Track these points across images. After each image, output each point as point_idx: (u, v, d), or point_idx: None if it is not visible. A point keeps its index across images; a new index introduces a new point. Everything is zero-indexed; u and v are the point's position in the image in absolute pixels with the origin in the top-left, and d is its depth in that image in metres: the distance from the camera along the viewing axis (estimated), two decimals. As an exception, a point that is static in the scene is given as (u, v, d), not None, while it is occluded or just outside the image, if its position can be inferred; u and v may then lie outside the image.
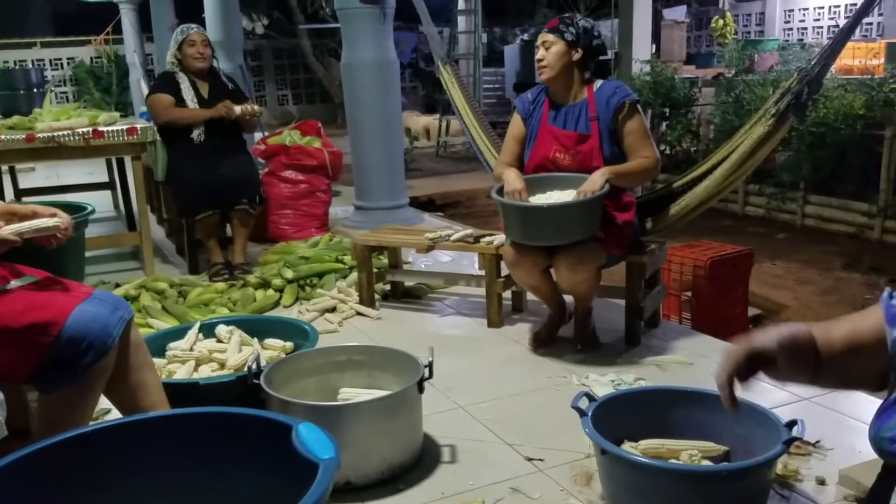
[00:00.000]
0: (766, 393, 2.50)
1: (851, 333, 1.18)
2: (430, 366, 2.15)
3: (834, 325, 1.20)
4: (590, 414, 1.85)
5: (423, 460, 2.16)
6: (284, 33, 15.83)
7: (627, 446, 1.91)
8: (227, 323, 2.61)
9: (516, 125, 2.94)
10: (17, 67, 13.75)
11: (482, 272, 3.27)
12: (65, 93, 14.76)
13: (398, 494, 2.02)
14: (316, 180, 4.83)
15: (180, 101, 4.07)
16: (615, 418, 1.91)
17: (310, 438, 1.46)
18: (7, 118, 4.34)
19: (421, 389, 2.13)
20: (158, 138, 4.04)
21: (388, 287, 3.68)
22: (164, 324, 3.17)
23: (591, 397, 1.95)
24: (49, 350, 1.59)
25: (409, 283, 3.73)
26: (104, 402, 1.84)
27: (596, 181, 2.61)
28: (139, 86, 9.83)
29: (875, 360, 1.15)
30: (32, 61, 14.52)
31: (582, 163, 2.76)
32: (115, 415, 1.99)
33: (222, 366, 2.40)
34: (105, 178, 5.72)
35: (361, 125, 5.04)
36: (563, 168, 2.80)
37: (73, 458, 1.52)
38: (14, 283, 1.65)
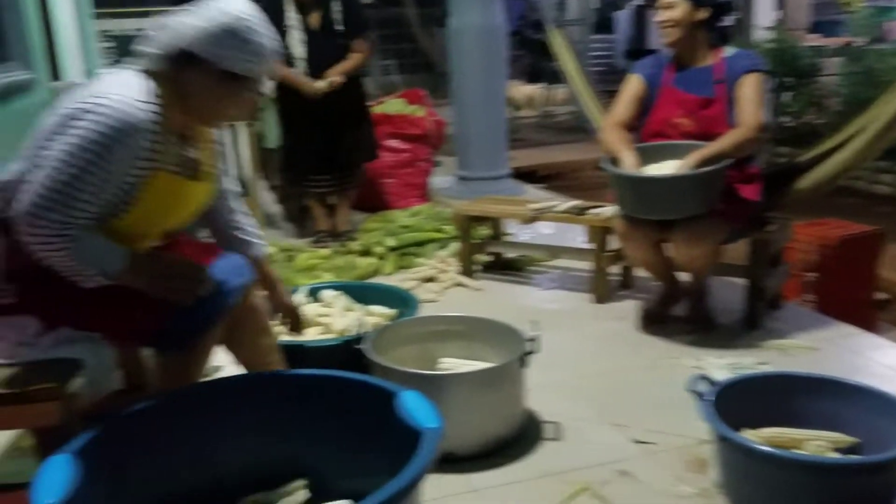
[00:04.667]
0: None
1: None
2: (535, 339, 2.08)
3: None
4: (710, 398, 1.73)
5: (524, 436, 2.10)
6: (390, 2, 15.89)
7: (748, 434, 1.78)
8: (333, 288, 2.62)
9: (634, 84, 2.73)
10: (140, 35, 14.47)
11: (587, 245, 3.15)
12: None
13: (497, 469, 1.97)
14: (418, 149, 4.81)
15: (282, 31, 3.69)
16: (735, 404, 1.78)
17: (415, 406, 1.43)
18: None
19: (524, 363, 2.07)
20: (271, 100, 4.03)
21: (488, 258, 3.62)
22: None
23: (708, 380, 1.83)
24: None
25: (510, 254, 3.66)
26: (215, 360, 1.87)
27: (683, 167, 2.44)
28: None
29: None
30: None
31: (706, 128, 2.57)
32: (225, 373, 2.03)
33: (327, 329, 2.41)
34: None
35: (465, 93, 4.95)
36: (685, 133, 2.62)
37: (190, 409, 1.58)
38: None
